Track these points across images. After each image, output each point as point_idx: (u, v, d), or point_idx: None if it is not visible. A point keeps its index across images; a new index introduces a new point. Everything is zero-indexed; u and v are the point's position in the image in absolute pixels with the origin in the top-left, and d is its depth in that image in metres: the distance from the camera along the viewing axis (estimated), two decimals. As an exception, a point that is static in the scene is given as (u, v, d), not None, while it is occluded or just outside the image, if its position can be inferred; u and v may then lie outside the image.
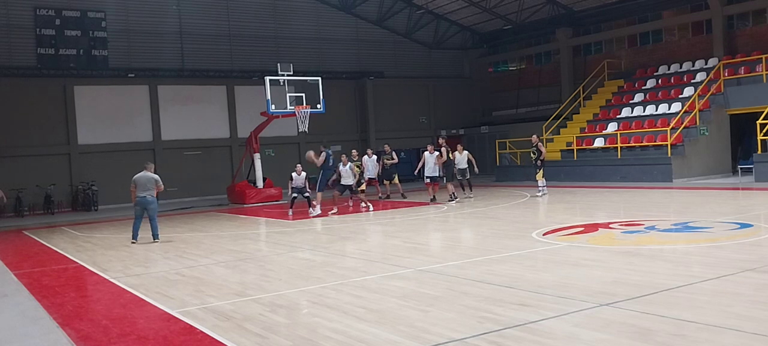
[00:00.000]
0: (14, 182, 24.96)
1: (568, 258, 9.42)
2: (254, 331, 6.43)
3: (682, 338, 5.42)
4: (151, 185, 13.91)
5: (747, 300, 6.52)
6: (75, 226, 20.01)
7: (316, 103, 23.05)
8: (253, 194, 24.61)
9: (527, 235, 11.92)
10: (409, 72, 35.73)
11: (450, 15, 34.60)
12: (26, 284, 10.08)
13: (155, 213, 14.11)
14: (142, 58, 28.71)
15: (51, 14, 26.83)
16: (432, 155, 19.82)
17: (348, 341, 5.88)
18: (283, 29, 31.88)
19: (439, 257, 10.34)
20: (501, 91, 36.96)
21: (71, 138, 27.39)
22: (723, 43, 26.58)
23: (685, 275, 7.71)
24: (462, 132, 36.66)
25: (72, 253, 13.45)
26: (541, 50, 34.88)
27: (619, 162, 24.47)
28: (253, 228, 16.78)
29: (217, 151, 30.47)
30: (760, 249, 9.35)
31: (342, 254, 11.37)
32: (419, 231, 14.09)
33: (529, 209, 17.09)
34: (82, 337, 6.71)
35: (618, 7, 29.94)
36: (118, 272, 10.60)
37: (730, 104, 24.31)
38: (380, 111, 34.65)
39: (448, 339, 5.74)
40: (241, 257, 11.65)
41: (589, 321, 6.06)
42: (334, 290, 8.09)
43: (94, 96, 27.89)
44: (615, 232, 11.79)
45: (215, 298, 8.11)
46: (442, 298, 7.32)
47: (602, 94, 29.72)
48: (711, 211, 14.42)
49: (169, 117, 29.31)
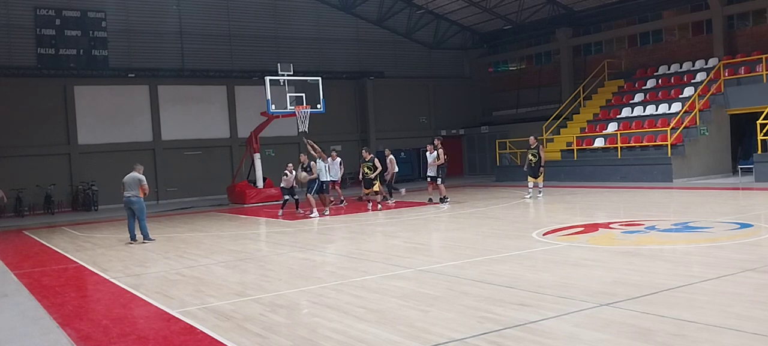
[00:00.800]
0: (14, 182, 24.98)
1: (568, 258, 9.42)
2: (254, 331, 6.43)
3: (682, 338, 5.41)
4: (136, 186, 13.96)
5: (747, 300, 6.52)
6: (75, 226, 20.02)
7: (316, 103, 23.06)
8: (253, 194, 24.61)
9: (527, 235, 11.92)
10: (409, 72, 35.74)
11: (450, 15, 34.60)
12: (26, 284, 10.08)
13: (142, 213, 14.12)
14: (142, 58, 28.71)
15: (51, 14, 26.84)
16: (431, 155, 19.80)
17: (348, 341, 5.88)
18: (283, 29, 31.88)
19: (439, 257, 10.34)
20: (501, 91, 36.96)
21: (71, 138, 27.39)
22: (723, 43, 26.58)
23: (685, 275, 7.71)
24: (462, 132, 36.69)
25: (72, 253, 13.45)
26: (541, 50, 34.88)
27: (619, 162, 24.48)
28: (253, 228, 16.78)
29: (217, 151, 30.47)
30: (760, 249, 9.35)
31: (342, 254, 11.37)
32: (419, 231, 14.09)
33: (529, 209, 17.10)
34: (82, 337, 6.71)
35: (618, 7, 29.93)
36: (118, 272, 10.60)
37: (730, 104, 24.31)
38: (380, 111, 34.64)
39: (448, 339, 5.74)
40: (241, 257, 11.65)
41: (589, 321, 6.06)
42: (334, 290, 8.09)
43: (94, 96, 27.89)
44: (615, 232, 11.79)
45: (215, 298, 8.11)
46: (442, 298, 7.32)
47: (602, 94, 29.72)
48: (711, 211, 14.42)
49: (169, 117, 29.31)
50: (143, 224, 14.19)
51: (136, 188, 13.97)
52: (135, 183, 13.99)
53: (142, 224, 14.18)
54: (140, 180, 14.00)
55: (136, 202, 13.99)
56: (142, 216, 14.15)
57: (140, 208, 14.04)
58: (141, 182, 13.99)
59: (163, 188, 28.55)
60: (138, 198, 14.00)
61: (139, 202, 14.02)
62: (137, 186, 13.97)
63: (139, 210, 14.03)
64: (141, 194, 14.04)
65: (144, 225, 14.21)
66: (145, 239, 14.13)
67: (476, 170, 35.90)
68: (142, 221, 14.15)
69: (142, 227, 14.18)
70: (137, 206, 13.99)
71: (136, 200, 13.98)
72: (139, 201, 14.02)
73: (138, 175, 14.08)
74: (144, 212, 14.20)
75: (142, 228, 14.19)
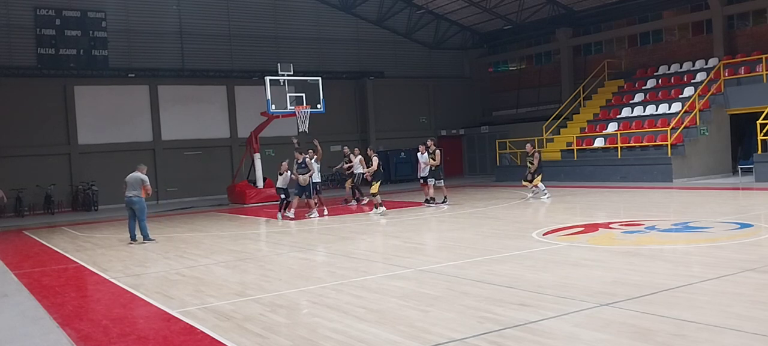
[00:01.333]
0: (14, 182, 24.96)
1: (568, 258, 9.42)
2: (254, 331, 6.43)
3: (682, 338, 5.42)
4: (138, 186, 13.95)
5: (747, 300, 6.52)
6: (75, 226, 20.02)
7: (316, 103, 23.05)
8: (253, 194, 24.61)
9: (527, 235, 11.92)
10: (409, 72, 35.73)
11: (450, 15, 34.59)
12: (26, 284, 10.08)
13: (143, 213, 14.10)
14: (142, 58, 28.71)
15: (51, 14, 26.83)
16: (423, 156, 19.69)
17: (348, 341, 5.88)
18: (283, 29, 31.87)
19: (439, 257, 10.33)
20: (501, 91, 36.96)
21: (71, 138, 27.39)
22: (723, 43, 26.57)
23: (685, 275, 7.71)
24: (462, 132, 36.70)
25: (72, 253, 13.45)
26: (541, 50, 34.88)
27: (619, 162, 24.47)
28: (253, 228, 16.78)
29: (217, 151, 30.47)
30: (760, 249, 9.35)
31: (342, 254, 11.37)
32: (419, 231, 14.10)
33: (529, 209, 17.10)
34: (82, 337, 6.71)
35: (618, 7, 29.93)
36: (118, 272, 10.60)
37: (730, 104, 24.31)
38: (380, 111, 34.64)
39: (448, 339, 5.74)
40: (241, 257, 11.65)
41: (589, 321, 6.06)
42: (334, 290, 8.09)
43: (95, 96, 27.89)
44: (615, 232, 11.79)
45: (215, 298, 8.11)
46: (442, 298, 7.32)
47: (602, 94, 29.72)
48: (711, 211, 14.42)
49: (169, 117, 29.31)
50: (143, 224, 14.18)
51: (138, 187, 13.96)
52: (137, 183, 13.97)
53: (142, 224, 14.17)
54: (143, 180, 13.99)
55: (137, 202, 13.98)
56: (143, 216, 14.14)
57: (141, 208, 14.04)
58: (143, 183, 13.98)
59: (163, 188, 28.54)
60: (139, 198, 13.99)
61: (140, 202, 14.01)
62: (139, 186, 13.96)
63: (140, 210, 14.02)
64: (143, 195, 14.03)
65: (144, 225, 14.20)
66: (145, 240, 14.12)
67: (476, 170, 35.91)
68: (142, 221, 14.14)
69: (142, 227, 14.18)
70: (138, 206, 13.99)
71: (138, 200, 13.97)
72: (140, 201, 14.01)
73: (141, 175, 14.06)
74: (144, 212, 14.19)
75: (142, 228, 14.18)
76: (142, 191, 13.97)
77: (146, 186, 14.02)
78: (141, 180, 13.98)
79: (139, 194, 13.96)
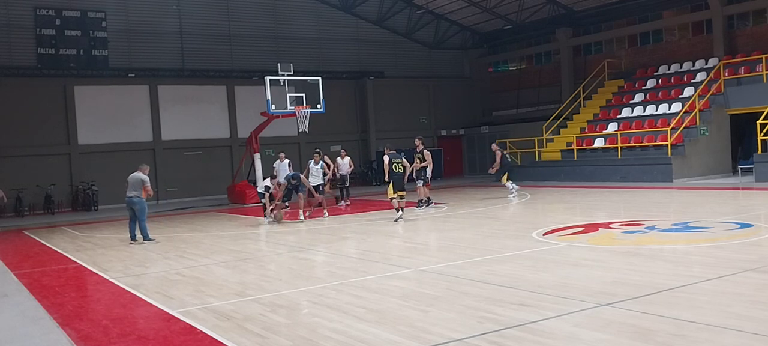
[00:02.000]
0: (14, 182, 24.96)
1: (568, 258, 9.42)
2: (254, 331, 6.43)
3: (682, 338, 5.42)
4: (139, 186, 13.94)
5: (747, 300, 6.52)
6: (75, 226, 20.02)
7: (316, 103, 23.03)
8: (253, 194, 24.58)
9: (527, 235, 11.92)
10: (409, 72, 35.73)
11: (450, 15, 34.60)
12: (26, 284, 10.08)
13: (143, 214, 14.08)
14: (142, 58, 28.71)
15: (51, 14, 26.83)
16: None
17: (348, 341, 5.88)
18: (283, 29, 31.88)
19: (439, 257, 10.33)
20: (501, 91, 36.96)
21: (71, 138, 27.39)
22: (723, 43, 26.58)
23: (685, 275, 7.71)
24: (462, 132, 36.69)
25: (72, 253, 13.45)
26: (541, 50, 34.88)
27: (619, 162, 24.47)
28: (253, 228, 16.78)
29: (217, 151, 30.47)
30: (760, 249, 9.35)
31: (342, 254, 11.37)
32: (419, 231, 14.09)
33: (529, 209, 17.10)
34: (82, 337, 6.71)
35: (618, 7, 29.93)
36: (118, 272, 10.60)
37: (730, 104, 24.31)
38: (380, 111, 34.64)
39: (448, 339, 5.74)
40: (241, 257, 11.65)
41: (589, 321, 6.06)
42: (334, 290, 8.09)
43: (95, 96, 27.89)
44: (615, 232, 11.78)
45: (215, 298, 8.11)
46: (442, 298, 7.32)
47: (602, 94, 29.72)
48: (711, 211, 14.42)
49: (169, 117, 29.31)
50: (143, 224, 14.17)
51: (138, 188, 13.94)
52: (138, 183, 13.96)
53: (142, 224, 14.15)
54: (143, 181, 13.97)
55: (137, 202, 13.98)
56: (143, 217, 14.12)
57: (141, 208, 14.03)
58: (144, 183, 13.96)
59: (163, 188, 28.54)
60: (139, 198, 13.98)
61: (140, 202, 14.00)
62: (140, 186, 13.94)
63: (140, 211, 14.01)
64: (144, 196, 14.02)
65: (144, 226, 14.18)
66: (145, 240, 14.11)
67: (476, 170, 35.88)
68: (142, 221, 14.13)
69: (142, 227, 14.16)
70: (138, 207, 13.98)
71: (138, 200, 13.97)
72: (140, 201, 14.00)
73: (142, 175, 14.05)
74: (144, 213, 14.17)
75: (142, 229, 14.17)
76: (143, 191, 13.97)
77: (147, 187, 14.00)
78: (142, 180, 13.97)
79: (139, 194, 13.96)
